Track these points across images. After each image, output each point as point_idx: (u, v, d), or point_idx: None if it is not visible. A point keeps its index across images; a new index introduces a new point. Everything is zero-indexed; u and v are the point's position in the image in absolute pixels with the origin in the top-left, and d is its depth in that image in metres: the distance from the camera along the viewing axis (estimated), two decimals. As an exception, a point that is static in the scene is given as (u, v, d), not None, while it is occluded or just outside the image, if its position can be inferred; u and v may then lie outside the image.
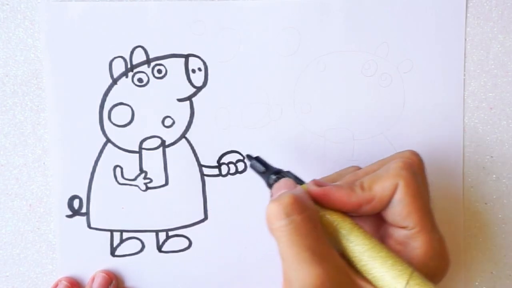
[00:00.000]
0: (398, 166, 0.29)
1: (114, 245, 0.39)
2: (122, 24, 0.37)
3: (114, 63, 0.38)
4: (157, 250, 0.39)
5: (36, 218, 0.39)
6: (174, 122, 0.38)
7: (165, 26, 0.38)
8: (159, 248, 0.39)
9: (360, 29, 0.38)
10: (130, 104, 0.38)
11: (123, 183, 0.38)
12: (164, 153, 0.38)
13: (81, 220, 0.38)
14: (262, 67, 0.38)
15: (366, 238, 0.28)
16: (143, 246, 0.39)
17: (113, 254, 0.39)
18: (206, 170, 0.39)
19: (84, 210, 0.38)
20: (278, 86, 0.39)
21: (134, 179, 0.38)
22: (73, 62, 0.37)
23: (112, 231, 0.39)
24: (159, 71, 0.38)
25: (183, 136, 0.39)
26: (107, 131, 0.38)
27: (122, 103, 0.38)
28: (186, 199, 0.39)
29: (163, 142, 0.39)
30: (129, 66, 0.38)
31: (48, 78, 0.37)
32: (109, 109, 0.38)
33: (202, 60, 0.38)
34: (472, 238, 0.41)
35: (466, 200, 0.41)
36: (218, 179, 0.39)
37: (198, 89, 0.38)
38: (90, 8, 0.37)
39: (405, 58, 0.39)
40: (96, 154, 0.38)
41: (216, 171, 0.39)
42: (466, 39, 0.39)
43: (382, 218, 0.31)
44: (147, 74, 0.38)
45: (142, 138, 0.38)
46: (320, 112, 0.39)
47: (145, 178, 0.38)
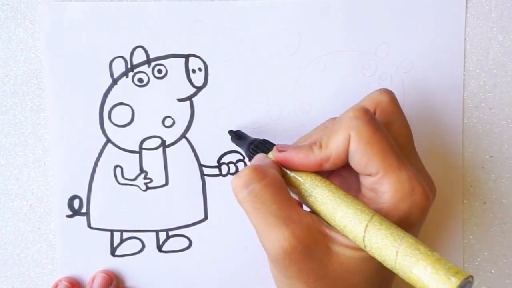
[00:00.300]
0: (348, 117, 0.29)
1: (114, 245, 0.39)
2: (122, 24, 0.37)
3: (114, 63, 0.38)
4: (157, 250, 0.39)
5: (36, 218, 0.39)
6: (174, 122, 0.38)
7: (165, 26, 0.38)
8: (159, 248, 0.39)
9: (360, 29, 0.38)
10: (130, 104, 0.38)
11: (123, 183, 0.38)
12: (164, 153, 0.39)
13: (81, 220, 0.38)
14: (262, 67, 0.39)
15: (330, 192, 0.29)
16: (143, 246, 0.39)
17: (113, 254, 0.39)
18: (206, 170, 0.39)
19: (84, 210, 0.38)
20: (278, 86, 0.39)
21: (134, 179, 0.38)
22: (73, 62, 0.37)
23: (112, 231, 0.39)
24: (159, 71, 0.38)
25: (183, 136, 0.39)
26: (107, 131, 0.38)
27: (122, 103, 0.38)
28: (186, 199, 0.39)
29: (163, 142, 0.39)
30: (129, 66, 0.38)
31: (48, 78, 0.37)
32: (109, 109, 0.38)
33: (202, 60, 0.38)
34: (471, 237, 0.41)
35: (465, 199, 0.41)
36: (218, 179, 0.39)
37: (198, 89, 0.38)
38: (90, 8, 0.37)
39: (405, 58, 0.39)
40: (96, 154, 0.38)
41: (216, 171, 0.39)
42: (465, 39, 0.39)
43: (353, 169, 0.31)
44: (147, 74, 0.38)
45: (142, 138, 0.38)
46: (320, 112, 0.39)
47: (145, 178, 0.38)
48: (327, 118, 0.39)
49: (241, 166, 0.39)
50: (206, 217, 0.39)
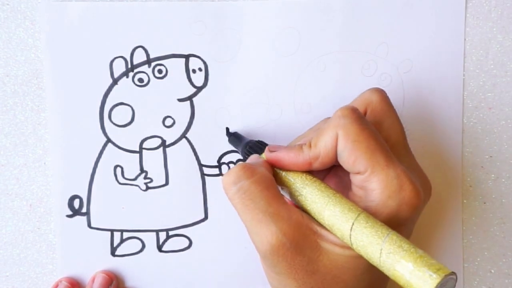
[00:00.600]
0: (336, 116, 0.29)
1: (115, 245, 0.39)
2: (122, 24, 0.37)
3: (114, 63, 0.38)
4: (157, 250, 0.39)
5: (36, 218, 0.39)
6: (174, 122, 0.38)
7: (165, 26, 0.38)
8: (159, 247, 0.39)
9: (360, 29, 0.39)
10: (131, 104, 0.38)
11: (124, 183, 0.38)
12: (164, 153, 0.39)
13: (81, 220, 0.38)
14: (262, 67, 0.39)
15: (319, 191, 0.29)
16: (144, 246, 0.39)
17: (113, 254, 0.39)
18: (207, 170, 0.39)
19: (84, 210, 0.38)
20: (278, 86, 0.39)
21: (135, 179, 0.38)
22: (73, 62, 0.37)
23: (112, 231, 0.39)
24: (160, 71, 0.38)
25: (184, 136, 0.39)
26: (108, 131, 0.38)
27: (122, 103, 0.38)
28: (187, 199, 0.39)
29: (164, 142, 0.39)
30: (129, 66, 0.38)
31: (48, 78, 0.37)
32: (109, 109, 0.38)
33: (203, 60, 0.38)
34: (471, 237, 0.41)
35: (465, 199, 0.41)
36: (218, 179, 0.39)
37: (199, 89, 0.38)
38: (90, 8, 0.37)
39: (405, 58, 0.39)
40: (96, 154, 0.38)
41: (216, 171, 0.39)
42: (465, 39, 0.39)
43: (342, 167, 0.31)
44: (148, 74, 0.38)
45: (142, 138, 0.38)
46: (320, 112, 0.39)
47: (145, 178, 0.38)
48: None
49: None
50: (206, 217, 0.39)
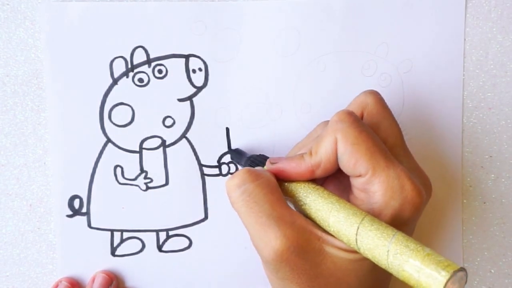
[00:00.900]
0: (334, 121, 0.30)
1: (115, 244, 0.39)
2: (122, 24, 0.37)
3: (114, 63, 0.38)
4: (157, 250, 0.39)
5: (36, 218, 0.39)
6: (174, 122, 0.38)
7: (165, 26, 0.38)
8: (160, 247, 0.39)
9: (360, 29, 0.39)
10: (131, 104, 0.38)
11: (124, 183, 0.38)
12: (164, 152, 0.39)
13: (81, 220, 0.38)
14: (262, 67, 0.39)
15: (322, 198, 0.29)
16: (144, 246, 0.39)
17: (113, 253, 0.39)
18: (207, 170, 0.39)
19: (84, 210, 0.38)
20: (278, 86, 0.39)
21: (135, 179, 0.38)
22: (73, 62, 0.37)
23: (112, 231, 0.39)
24: (160, 71, 0.38)
25: (184, 136, 0.39)
26: (108, 131, 0.38)
27: (122, 103, 0.38)
28: (187, 199, 0.39)
29: (164, 142, 0.39)
30: (129, 66, 0.38)
31: (48, 78, 0.37)
32: (109, 109, 0.38)
33: (203, 60, 0.38)
34: (471, 237, 0.41)
35: (465, 199, 0.41)
36: (218, 179, 0.39)
37: (199, 89, 0.38)
38: (90, 8, 0.37)
39: (404, 58, 0.39)
40: (96, 154, 0.38)
41: (216, 171, 0.39)
42: (465, 39, 0.39)
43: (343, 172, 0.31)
44: (148, 74, 0.38)
45: (142, 138, 0.38)
46: (320, 112, 0.39)
47: (145, 178, 0.38)
48: (327, 118, 0.39)
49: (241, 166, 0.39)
50: (206, 217, 0.39)
